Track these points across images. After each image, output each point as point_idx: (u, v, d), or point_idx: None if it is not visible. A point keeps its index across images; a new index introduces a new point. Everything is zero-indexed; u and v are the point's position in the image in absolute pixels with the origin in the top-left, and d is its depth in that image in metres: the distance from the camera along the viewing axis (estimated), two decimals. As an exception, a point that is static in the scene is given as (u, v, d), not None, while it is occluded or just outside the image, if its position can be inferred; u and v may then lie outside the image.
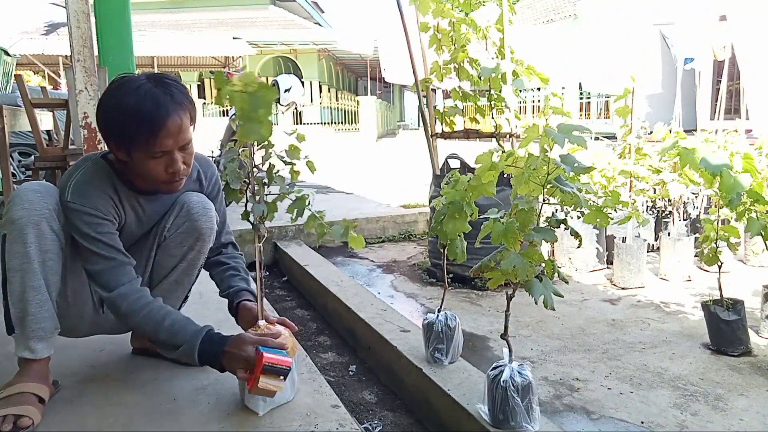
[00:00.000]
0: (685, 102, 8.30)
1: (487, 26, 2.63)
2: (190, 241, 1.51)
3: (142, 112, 1.24)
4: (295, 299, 3.01)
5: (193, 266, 1.56)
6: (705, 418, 1.57)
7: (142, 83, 1.27)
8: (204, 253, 1.56)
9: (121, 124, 1.27)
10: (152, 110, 1.25)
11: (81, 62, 2.36)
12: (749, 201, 1.90)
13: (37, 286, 1.29)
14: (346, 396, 1.85)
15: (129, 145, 1.29)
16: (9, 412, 1.24)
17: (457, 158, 2.85)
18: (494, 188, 1.52)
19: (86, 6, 2.36)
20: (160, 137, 1.26)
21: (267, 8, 22.64)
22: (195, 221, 1.49)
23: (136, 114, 1.24)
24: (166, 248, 1.52)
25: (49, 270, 1.31)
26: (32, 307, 1.30)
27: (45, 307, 1.32)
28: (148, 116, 1.25)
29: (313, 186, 6.42)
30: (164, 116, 1.25)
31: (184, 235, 1.50)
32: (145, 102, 1.25)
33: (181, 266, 1.54)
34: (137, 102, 1.25)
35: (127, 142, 1.29)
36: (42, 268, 1.30)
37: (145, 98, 1.25)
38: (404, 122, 28.09)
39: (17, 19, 25.93)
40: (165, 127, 1.26)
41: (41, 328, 1.32)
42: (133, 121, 1.25)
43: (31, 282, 1.29)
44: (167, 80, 1.31)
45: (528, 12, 16.23)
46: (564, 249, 3.15)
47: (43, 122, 4.06)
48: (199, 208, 1.49)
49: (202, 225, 1.50)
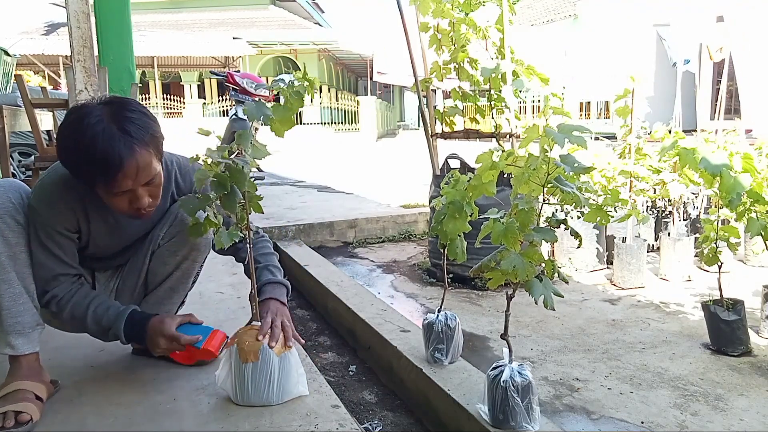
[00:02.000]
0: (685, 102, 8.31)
1: (486, 26, 2.63)
2: (184, 251, 1.50)
3: (96, 154, 1.17)
4: (295, 299, 3.01)
5: (187, 275, 1.56)
6: (705, 418, 1.57)
7: (98, 119, 1.19)
8: (199, 263, 1.56)
9: (77, 163, 1.22)
10: (107, 152, 1.17)
11: (81, 62, 2.36)
12: (749, 201, 1.90)
13: (7, 279, 1.28)
14: (346, 396, 1.85)
15: (88, 183, 1.25)
16: (8, 409, 1.24)
17: (457, 158, 2.85)
18: (494, 188, 1.52)
19: (86, 6, 2.36)
20: (118, 179, 1.20)
21: (267, 8, 22.66)
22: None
23: (91, 156, 1.17)
24: (160, 256, 1.51)
25: (21, 263, 1.31)
26: (5, 301, 1.29)
27: (19, 300, 1.30)
28: (102, 159, 1.17)
29: (314, 186, 6.42)
30: (120, 159, 1.18)
31: (178, 245, 1.49)
32: (99, 143, 1.17)
33: (176, 275, 1.53)
34: (91, 142, 1.17)
35: (86, 180, 1.25)
36: (12, 261, 1.29)
37: (100, 139, 1.17)
38: (404, 122, 28.10)
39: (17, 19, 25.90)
40: (122, 169, 1.19)
41: (18, 323, 1.30)
42: (88, 163, 1.19)
43: (1, 276, 1.28)
44: (126, 113, 1.23)
45: (528, 12, 16.24)
46: (564, 249, 3.15)
47: (43, 122, 4.05)
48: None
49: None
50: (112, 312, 1.39)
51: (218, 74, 6.68)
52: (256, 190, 1.29)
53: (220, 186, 1.23)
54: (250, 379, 1.33)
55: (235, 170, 1.22)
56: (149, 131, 1.25)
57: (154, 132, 1.26)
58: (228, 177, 1.22)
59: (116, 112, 1.22)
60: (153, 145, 1.25)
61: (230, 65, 18.81)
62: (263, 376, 1.34)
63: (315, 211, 4.58)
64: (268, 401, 1.36)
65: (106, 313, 1.39)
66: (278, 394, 1.37)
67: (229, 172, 1.22)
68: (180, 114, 19.07)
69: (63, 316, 1.39)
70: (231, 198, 1.25)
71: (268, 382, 1.35)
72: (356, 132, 17.70)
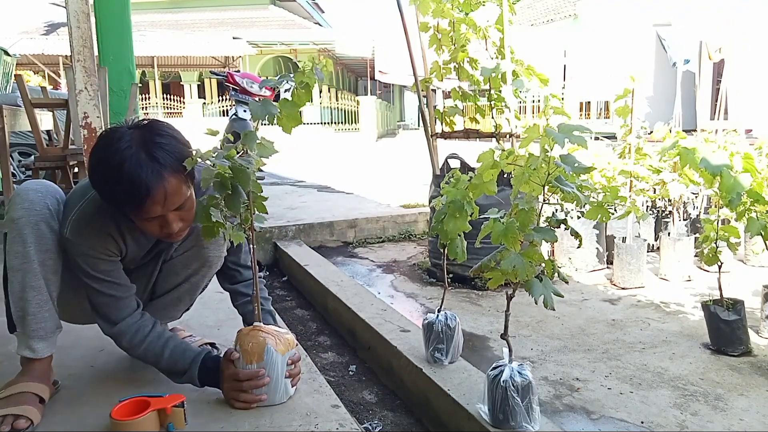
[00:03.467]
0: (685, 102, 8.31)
1: (486, 26, 2.63)
2: (196, 266, 1.50)
3: (124, 181, 1.16)
4: (295, 299, 3.01)
5: (195, 287, 1.56)
6: (705, 418, 1.57)
7: (127, 144, 1.18)
8: (209, 278, 1.56)
9: (108, 187, 1.21)
10: (135, 179, 1.16)
11: (81, 62, 2.36)
12: (749, 201, 1.90)
13: (37, 286, 1.30)
14: (346, 396, 1.85)
15: (120, 207, 1.25)
16: (8, 413, 1.24)
17: (457, 158, 2.85)
18: (495, 187, 1.52)
19: (86, 6, 2.36)
20: (147, 205, 1.20)
21: (267, 8, 22.66)
22: (203, 248, 1.47)
23: (119, 182, 1.17)
24: (172, 267, 1.51)
25: (48, 269, 1.31)
26: (32, 307, 1.30)
27: (45, 307, 1.32)
28: (131, 186, 1.16)
29: (314, 185, 6.42)
30: (147, 187, 1.17)
31: (190, 259, 1.49)
32: (126, 169, 1.16)
33: (184, 286, 1.53)
34: (119, 168, 1.16)
35: (117, 205, 1.24)
36: (42, 267, 1.30)
37: (127, 165, 1.16)
38: (404, 122, 28.09)
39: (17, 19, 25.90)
40: (150, 196, 1.18)
41: (41, 328, 1.32)
42: (117, 189, 1.18)
43: (31, 282, 1.29)
44: (156, 137, 1.22)
45: (528, 12, 16.23)
46: (564, 249, 3.15)
47: (43, 122, 4.06)
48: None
49: (210, 253, 1.48)
50: (188, 356, 1.40)
51: (218, 74, 6.68)
52: (261, 191, 1.29)
53: (223, 186, 1.22)
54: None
55: (238, 170, 1.22)
56: (178, 155, 1.22)
57: (184, 154, 1.23)
58: (231, 177, 1.22)
59: (146, 137, 1.21)
60: (183, 170, 1.23)
61: (230, 65, 18.81)
62: (278, 374, 1.36)
63: (315, 210, 4.58)
64: (272, 401, 1.36)
65: (182, 357, 1.40)
66: (281, 394, 1.37)
67: (233, 173, 1.22)
68: (180, 114, 19.07)
69: (135, 353, 1.41)
70: (235, 198, 1.25)
71: (272, 382, 1.35)
72: (356, 132, 17.70)
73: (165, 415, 1.24)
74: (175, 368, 1.40)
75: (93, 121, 2.41)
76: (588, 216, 1.44)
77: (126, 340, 1.38)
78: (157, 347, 1.39)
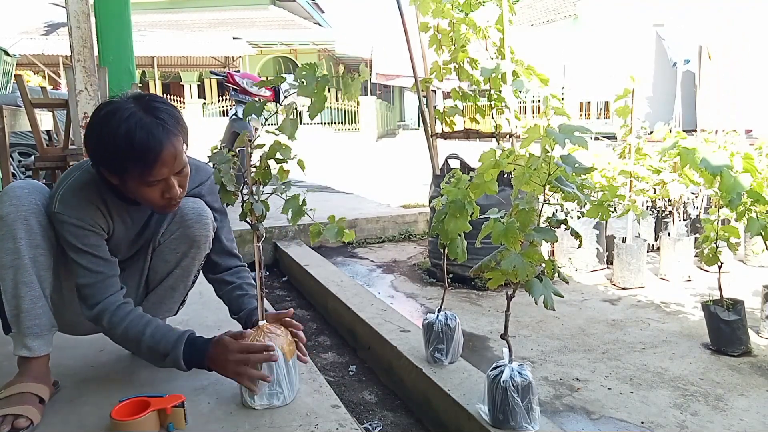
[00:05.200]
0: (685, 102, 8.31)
1: (486, 26, 2.63)
2: (184, 248, 1.49)
3: (134, 144, 1.19)
4: (295, 299, 3.01)
5: (187, 273, 1.55)
6: (705, 418, 1.57)
7: (132, 111, 1.21)
8: (199, 260, 1.55)
9: (113, 154, 1.22)
10: (146, 142, 1.20)
11: (81, 62, 2.36)
12: (749, 201, 1.90)
13: (29, 282, 1.29)
14: (346, 396, 1.85)
15: (122, 175, 1.25)
16: (8, 413, 1.24)
17: (457, 158, 2.85)
18: (496, 186, 1.52)
19: (86, 6, 2.36)
20: (156, 168, 1.23)
21: (267, 8, 22.65)
22: (189, 228, 1.47)
23: (129, 147, 1.19)
24: (161, 254, 1.51)
25: (40, 266, 1.30)
26: (25, 303, 1.29)
27: (39, 303, 1.31)
28: (141, 149, 1.19)
29: (313, 186, 6.42)
30: (158, 148, 1.21)
31: (177, 242, 1.49)
32: (137, 133, 1.19)
33: (176, 272, 1.53)
34: (129, 133, 1.19)
35: (120, 172, 1.25)
36: (33, 263, 1.29)
37: (138, 129, 1.20)
38: (404, 122, 28.07)
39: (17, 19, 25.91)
40: (160, 158, 1.22)
41: (36, 325, 1.31)
42: (126, 154, 1.20)
43: (23, 278, 1.28)
44: (156, 105, 1.26)
45: (528, 12, 16.24)
46: (564, 249, 3.15)
47: (43, 122, 4.06)
48: (193, 215, 1.47)
49: (195, 233, 1.48)
50: (171, 336, 1.35)
51: (218, 74, 6.68)
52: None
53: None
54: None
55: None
56: (179, 121, 1.28)
57: (183, 122, 1.30)
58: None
59: (147, 105, 1.25)
60: (183, 135, 1.28)
61: (230, 65, 18.79)
62: (279, 375, 1.35)
63: (315, 211, 4.57)
64: (284, 402, 1.37)
65: (165, 337, 1.34)
66: (290, 393, 1.38)
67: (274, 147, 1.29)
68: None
69: (115, 333, 1.36)
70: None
71: (285, 381, 1.36)
72: (356, 132, 17.69)
73: (165, 415, 1.24)
74: (158, 349, 1.33)
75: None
76: (588, 214, 1.45)
77: (107, 318, 1.33)
78: (138, 326, 1.34)
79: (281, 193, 1.35)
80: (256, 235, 1.36)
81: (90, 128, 1.25)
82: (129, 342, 1.37)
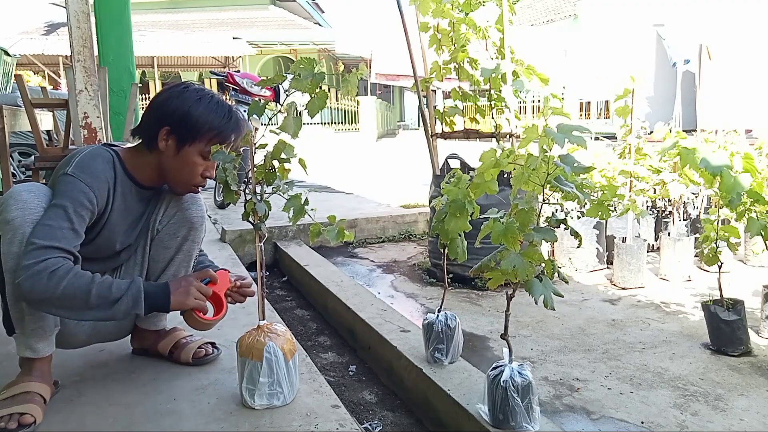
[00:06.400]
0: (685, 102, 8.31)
1: (486, 26, 2.63)
2: (184, 231, 1.53)
3: (232, 114, 1.42)
4: (295, 299, 3.01)
5: (189, 257, 1.57)
6: (705, 418, 1.57)
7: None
8: (198, 243, 1.58)
9: (202, 114, 1.38)
10: (240, 119, 1.43)
11: (81, 62, 2.36)
12: (749, 201, 1.90)
13: None
14: (346, 396, 1.85)
15: (190, 137, 1.38)
16: (14, 411, 1.25)
17: (457, 158, 2.85)
18: (496, 186, 1.52)
19: (86, 6, 2.36)
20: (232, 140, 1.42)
21: (267, 8, 22.64)
22: (186, 210, 1.53)
23: (226, 113, 1.41)
24: (160, 241, 1.53)
25: None
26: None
27: None
28: (236, 119, 1.42)
29: (313, 186, 6.42)
30: (245, 129, 1.43)
31: (176, 226, 1.52)
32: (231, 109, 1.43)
33: (178, 258, 1.55)
34: (226, 106, 1.42)
35: (193, 134, 1.38)
36: None
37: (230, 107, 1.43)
38: (404, 122, 28.05)
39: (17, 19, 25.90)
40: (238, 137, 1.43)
41: (40, 327, 1.32)
42: (217, 117, 1.39)
43: None
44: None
45: (528, 12, 16.24)
46: (564, 249, 3.15)
47: (43, 122, 4.05)
48: (188, 197, 1.54)
49: (193, 214, 1.54)
50: (123, 283, 1.26)
51: (218, 74, 6.67)
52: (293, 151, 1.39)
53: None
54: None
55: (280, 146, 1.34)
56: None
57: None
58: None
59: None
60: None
61: (230, 65, 18.78)
62: (279, 375, 1.36)
63: (315, 210, 4.57)
64: (284, 402, 1.37)
65: (116, 285, 1.25)
66: (290, 393, 1.38)
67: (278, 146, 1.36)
68: (180, 114, 18.99)
69: (56, 289, 1.18)
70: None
71: (285, 381, 1.36)
72: (356, 132, 17.68)
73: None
74: (110, 296, 1.23)
75: (93, 121, 2.41)
76: (588, 214, 1.45)
77: (47, 274, 1.17)
78: (84, 279, 1.22)
79: (283, 192, 1.35)
80: (259, 235, 1.37)
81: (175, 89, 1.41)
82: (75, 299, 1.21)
